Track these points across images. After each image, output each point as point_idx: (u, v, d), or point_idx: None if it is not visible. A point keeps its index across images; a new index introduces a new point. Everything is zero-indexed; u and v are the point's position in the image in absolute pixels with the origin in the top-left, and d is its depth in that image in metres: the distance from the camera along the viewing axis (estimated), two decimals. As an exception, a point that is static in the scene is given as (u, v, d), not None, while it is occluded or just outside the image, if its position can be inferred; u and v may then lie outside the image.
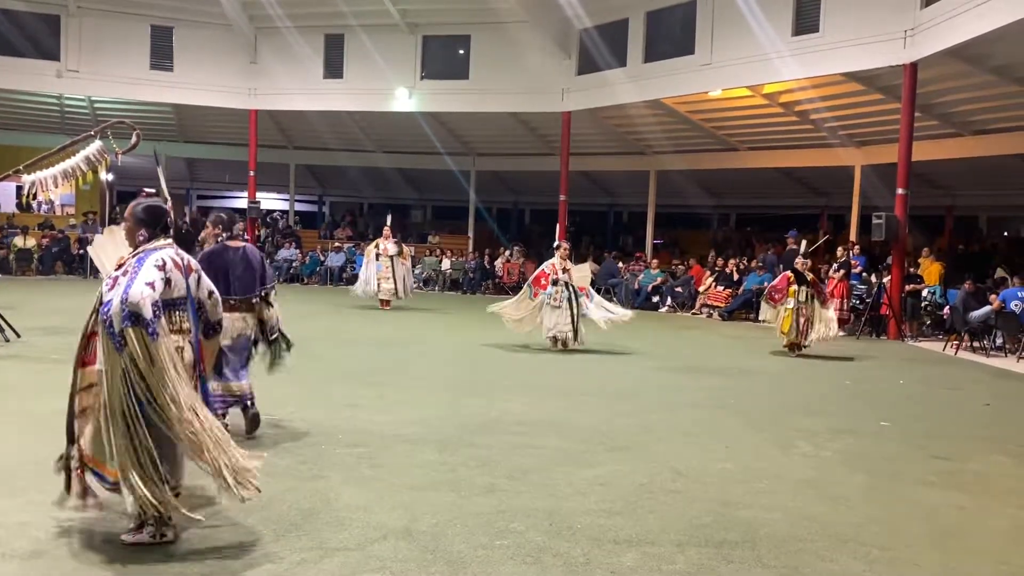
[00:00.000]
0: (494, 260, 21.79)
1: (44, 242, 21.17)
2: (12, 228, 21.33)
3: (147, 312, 3.57)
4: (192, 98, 21.42)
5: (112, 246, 4.31)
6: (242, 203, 24.12)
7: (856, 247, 16.29)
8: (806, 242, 12.12)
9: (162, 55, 21.20)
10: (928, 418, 7.61)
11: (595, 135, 21.38)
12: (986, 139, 16.21)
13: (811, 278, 11.28)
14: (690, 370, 9.79)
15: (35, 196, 6.03)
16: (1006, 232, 24.38)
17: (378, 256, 15.25)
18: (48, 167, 5.81)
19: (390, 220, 16.37)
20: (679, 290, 18.11)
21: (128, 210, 4.00)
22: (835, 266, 14.11)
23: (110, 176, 19.83)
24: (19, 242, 20.82)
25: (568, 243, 11.87)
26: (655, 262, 20.08)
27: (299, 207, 29.70)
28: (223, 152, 25.35)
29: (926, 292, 14.66)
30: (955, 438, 6.76)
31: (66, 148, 5.96)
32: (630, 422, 6.75)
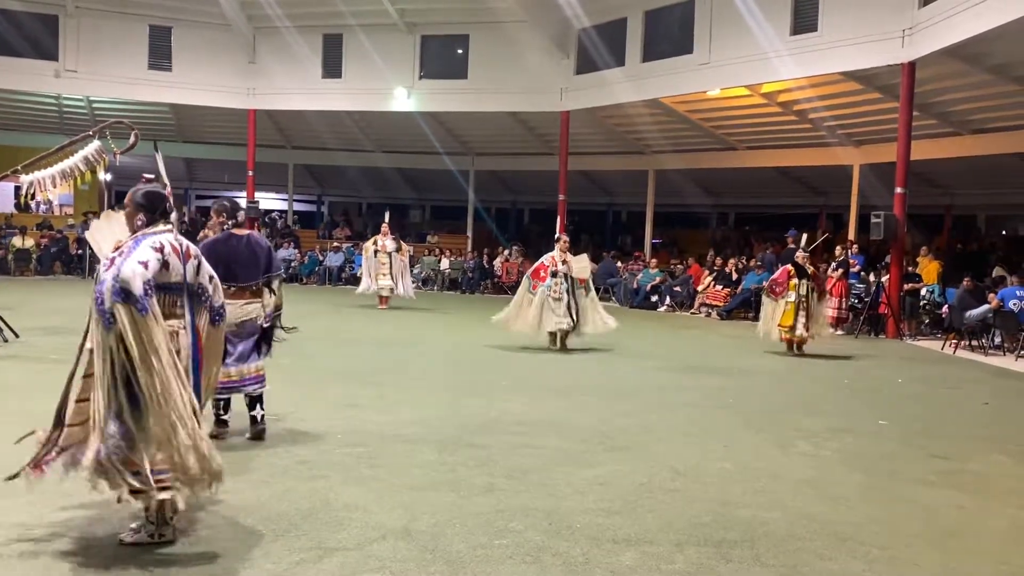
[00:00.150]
0: (493, 260, 21.79)
1: (42, 242, 21.16)
2: (10, 228, 21.31)
3: (137, 289, 3.55)
4: (190, 98, 21.41)
5: (109, 230, 4.29)
6: (241, 203, 24.09)
7: (855, 246, 16.30)
8: (807, 236, 12.11)
9: (160, 55, 21.20)
10: (927, 417, 7.61)
11: (594, 135, 21.39)
12: (984, 138, 16.22)
13: (812, 271, 11.27)
14: (689, 369, 9.79)
15: (33, 196, 6.00)
16: (1004, 231, 24.41)
17: (376, 253, 15.31)
18: (46, 167, 5.78)
19: (388, 217, 16.37)
20: (678, 289, 18.11)
21: (128, 195, 4.01)
22: (833, 265, 14.11)
23: (108, 176, 19.79)
24: (17, 242, 20.79)
25: (567, 237, 11.83)
26: (654, 261, 20.08)
27: (298, 207, 29.69)
28: (222, 152, 25.33)
29: (924, 291, 14.67)
30: (954, 437, 6.76)
31: (64, 148, 5.94)
32: (629, 422, 6.75)
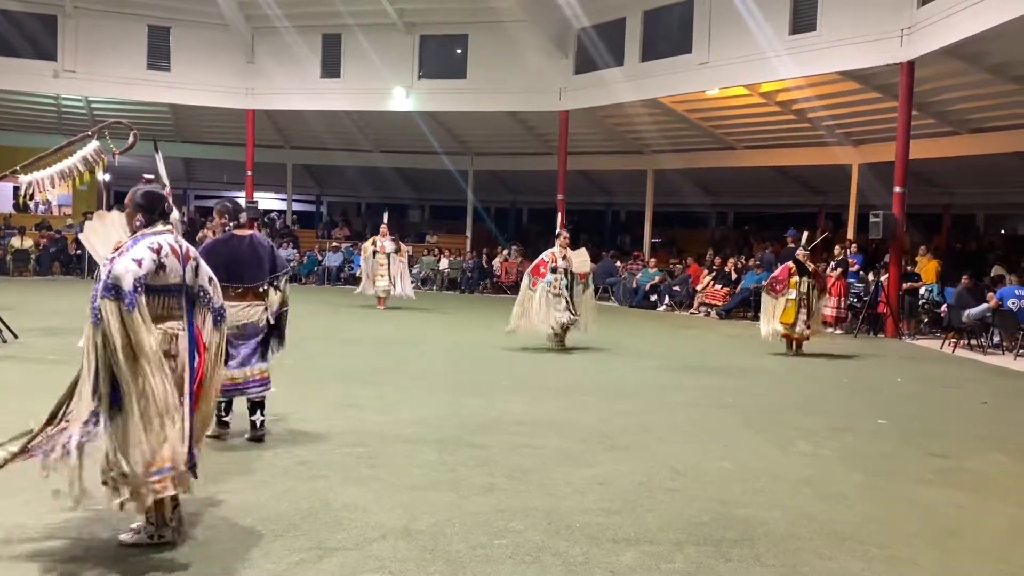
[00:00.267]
0: (492, 259, 21.79)
1: (41, 243, 21.15)
2: (9, 229, 21.31)
3: (127, 285, 3.53)
4: (189, 98, 21.40)
5: (103, 230, 4.27)
6: (240, 203, 24.05)
7: (853, 245, 16.31)
8: (807, 234, 12.11)
9: (159, 55, 21.19)
10: (926, 416, 7.61)
11: (593, 134, 21.38)
12: (983, 137, 16.22)
13: (812, 268, 11.27)
14: (688, 369, 9.79)
15: (32, 196, 6.01)
16: (1003, 230, 24.43)
17: (375, 253, 15.31)
18: (45, 167, 5.78)
19: (387, 218, 16.36)
20: (677, 289, 18.11)
21: (128, 196, 4.01)
22: (832, 264, 14.11)
23: (107, 176, 19.81)
24: (16, 242, 20.78)
25: (567, 233, 11.80)
26: (653, 261, 20.09)
27: (296, 207, 29.64)
28: (220, 152, 25.30)
29: (923, 290, 14.66)
30: (953, 436, 6.77)
31: (63, 148, 5.94)
32: (629, 421, 6.75)
